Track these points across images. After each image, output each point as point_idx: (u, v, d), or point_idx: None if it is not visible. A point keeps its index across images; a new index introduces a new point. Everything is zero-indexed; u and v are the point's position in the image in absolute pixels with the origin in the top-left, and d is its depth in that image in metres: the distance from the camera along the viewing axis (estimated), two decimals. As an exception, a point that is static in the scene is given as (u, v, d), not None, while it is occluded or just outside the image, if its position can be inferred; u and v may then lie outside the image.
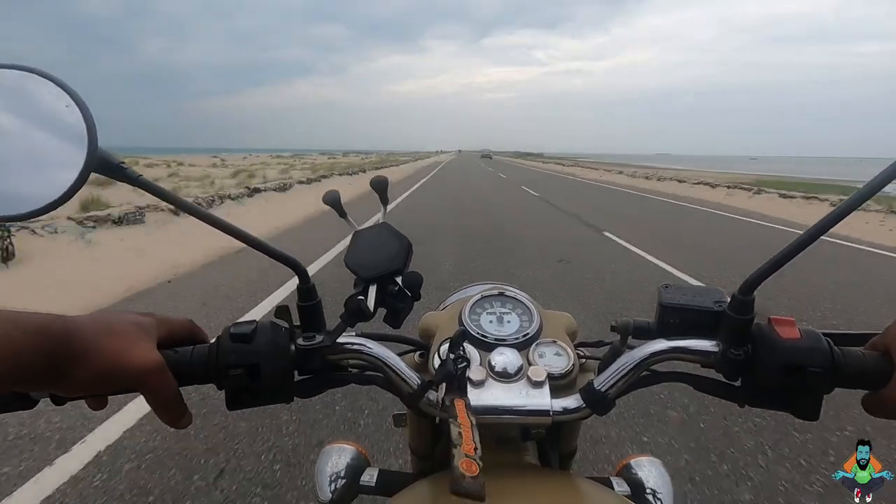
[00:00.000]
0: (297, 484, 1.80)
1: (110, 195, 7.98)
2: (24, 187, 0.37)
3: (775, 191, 14.30)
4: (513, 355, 0.49)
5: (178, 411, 0.42)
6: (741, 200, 13.68)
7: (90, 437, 2.07)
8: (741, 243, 7.22)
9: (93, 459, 1.93)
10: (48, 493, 1.74)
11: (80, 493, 1.75)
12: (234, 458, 1.95)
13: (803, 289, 4.53)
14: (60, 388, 0.37)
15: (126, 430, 2.12)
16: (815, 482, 1.84)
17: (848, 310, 4.07)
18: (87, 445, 2.02)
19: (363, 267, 0.51)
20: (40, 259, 4.83)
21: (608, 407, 0.46)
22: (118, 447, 2.02)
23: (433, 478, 0.52)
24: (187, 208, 0.45)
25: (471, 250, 6.04)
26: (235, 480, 1.82)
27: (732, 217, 10.58)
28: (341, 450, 0.68)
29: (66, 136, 0.37)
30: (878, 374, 0.41)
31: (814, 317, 3.85)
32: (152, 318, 0.43)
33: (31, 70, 0.38)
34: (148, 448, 2.01)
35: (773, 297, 4.16)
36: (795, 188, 15.58)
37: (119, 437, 2.07)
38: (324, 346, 0.47)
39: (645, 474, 0.64)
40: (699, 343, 0.46)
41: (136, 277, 4.58)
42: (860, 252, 6.75)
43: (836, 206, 0.39)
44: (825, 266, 5.54)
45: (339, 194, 0.56)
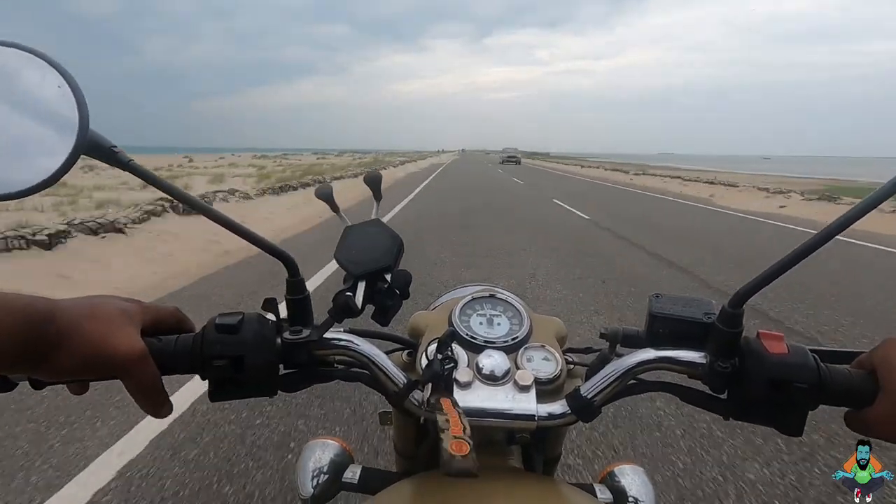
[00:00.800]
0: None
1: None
2: (13, 167, 0.36)
3: (852, 198, 10.11)
4: (501, 358, 0.49)
5: (159, 400, 0.42)
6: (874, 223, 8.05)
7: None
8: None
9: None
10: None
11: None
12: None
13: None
14: (41, 372, 0.36)
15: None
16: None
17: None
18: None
19: (353, 263, 0.50)
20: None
21: (594, 414, 0.46)
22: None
23: (417, 477, 0.51)
24: (179, 196, 0.44)
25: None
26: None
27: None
28: (325, 445, 0.67)
29: (56, 116, 0.37)
30: (863, 393, 0.41)
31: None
32: (137, 305, 0.42)
33: (25, 48, 0.37)
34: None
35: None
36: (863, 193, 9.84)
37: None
38: (310, 340, 0.46)
39: (628, 482, 0.64)
40: (687, 354, 0.46)
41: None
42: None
43: (835, 219, 0.37)
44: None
45: (332, 189, 0.56)
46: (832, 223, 0.38)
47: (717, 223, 9.73)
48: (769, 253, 6.07)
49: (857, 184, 26.34)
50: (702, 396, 0.47)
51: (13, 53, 0.37)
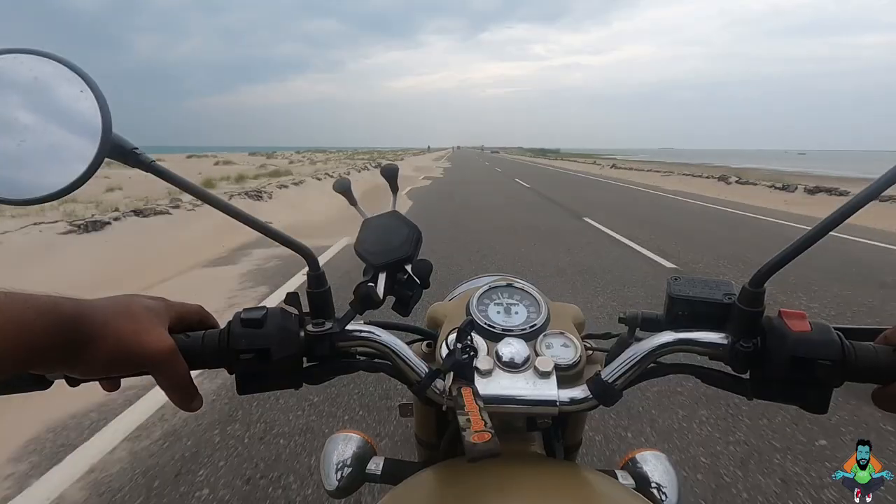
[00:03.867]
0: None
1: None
2: (39, 172, 0.37)
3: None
4: (520, 346, 0.49)
5: (190, 394, 0.43)
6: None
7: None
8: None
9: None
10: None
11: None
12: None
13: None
14: (75, 370, 0.37)
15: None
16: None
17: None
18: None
19: (373, 254, 0.51)
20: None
21: (615, 398, 0.46)
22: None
23: (439, 466, 0.52)
24: (200, 195, 0.45)
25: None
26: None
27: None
28: (348, 438, 0.68)
29: (80, 120, 0.37)
30: (888, 369, 0.40)
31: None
32: (163, 302, 0.43)
33: (47, 55, 0.38)
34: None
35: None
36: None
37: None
38: (333, 332, 0.47)
39: (650, 468, 0.64)
40: (708, 335, 0.46)
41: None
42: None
43: (847, 201, 0.38)
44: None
45: (350, 182, 0.56)
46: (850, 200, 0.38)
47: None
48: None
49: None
50: (724, 377, 0.46)
51: (34, 60, 0.37)
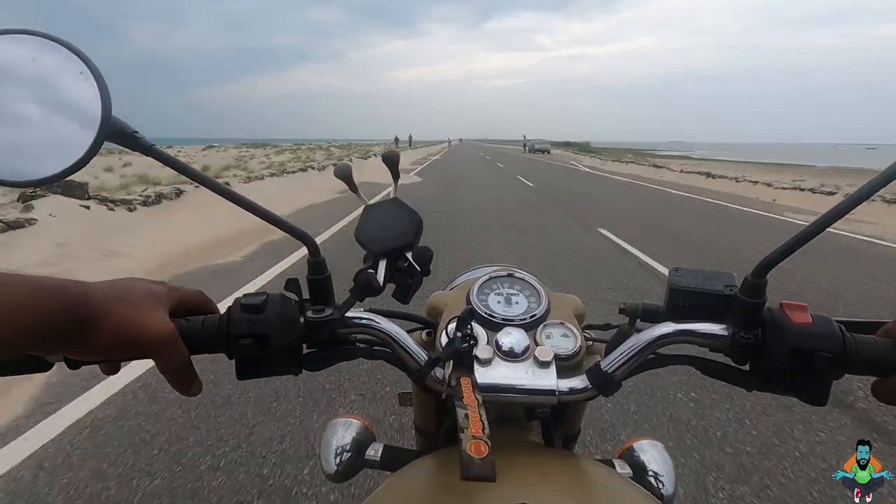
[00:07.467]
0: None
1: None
2: (39, 153, 0.37)
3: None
4: (520, 335, 0.49)
5: (189, 378, 0.43)
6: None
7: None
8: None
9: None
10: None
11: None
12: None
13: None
14: (75, 353, 0.38)
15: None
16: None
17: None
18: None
19: (373, 241, 0.51)
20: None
21: (614, 388, 0.46)
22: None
23: (436, 454, 0.52)
24: (200, 179, 0.45)
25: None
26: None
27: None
28: (347, 424, 0.69)
29: (80, 103, 0.37)
30: (889, 361, 0.40)
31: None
32: (165, 287, 0.43)
33: (47, 36, 0.37)
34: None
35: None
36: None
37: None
38: (333, 319, 0.47)
39: (647, 457, 0.65)
40: (709, 326, 0.45)
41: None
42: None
43: (851, 194, 0.38)
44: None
45: (351, 168, 0.56)
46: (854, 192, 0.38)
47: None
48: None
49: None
50: (724, 369, 0.46)
51: (34, 41, 0.37)
